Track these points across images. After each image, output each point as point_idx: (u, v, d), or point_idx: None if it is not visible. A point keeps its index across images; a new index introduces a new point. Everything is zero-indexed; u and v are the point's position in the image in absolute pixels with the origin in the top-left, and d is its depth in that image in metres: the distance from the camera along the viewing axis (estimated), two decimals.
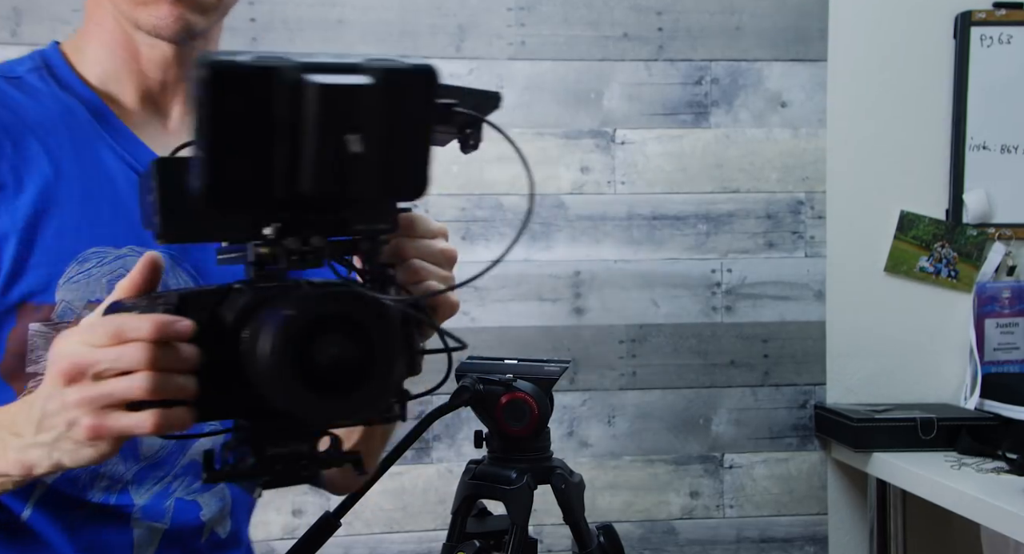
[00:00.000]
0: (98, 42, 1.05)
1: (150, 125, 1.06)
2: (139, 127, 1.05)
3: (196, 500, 1.06)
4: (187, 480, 1.06)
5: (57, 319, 0.96)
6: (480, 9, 2.18)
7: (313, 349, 0.65)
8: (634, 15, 2.22)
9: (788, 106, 2.27)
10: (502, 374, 1.34)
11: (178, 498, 1.05)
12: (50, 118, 1.01)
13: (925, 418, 2.09)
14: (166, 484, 1.04)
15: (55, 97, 1.03)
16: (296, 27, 2.13)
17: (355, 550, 2.15)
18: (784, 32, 2.26)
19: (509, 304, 2.18)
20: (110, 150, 1.03)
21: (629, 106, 2.23)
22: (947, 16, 2.29)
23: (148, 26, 1.01)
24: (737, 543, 2.27)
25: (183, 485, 1.05)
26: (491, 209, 2.17)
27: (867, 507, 2.29)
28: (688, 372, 2.25)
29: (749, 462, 2.27)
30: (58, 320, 0.96)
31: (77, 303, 0.97)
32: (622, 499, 2.24)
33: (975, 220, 2.29)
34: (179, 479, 1.05)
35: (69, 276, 0.97)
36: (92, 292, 0.97)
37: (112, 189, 1.01)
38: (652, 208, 2.24)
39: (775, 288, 2.27)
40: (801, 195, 2.28)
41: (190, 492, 1.06)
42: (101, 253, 0.99)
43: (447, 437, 2.17)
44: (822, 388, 2.28)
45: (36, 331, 0.96)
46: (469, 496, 1.36)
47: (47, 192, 0.98)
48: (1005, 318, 2.29)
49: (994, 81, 2.28)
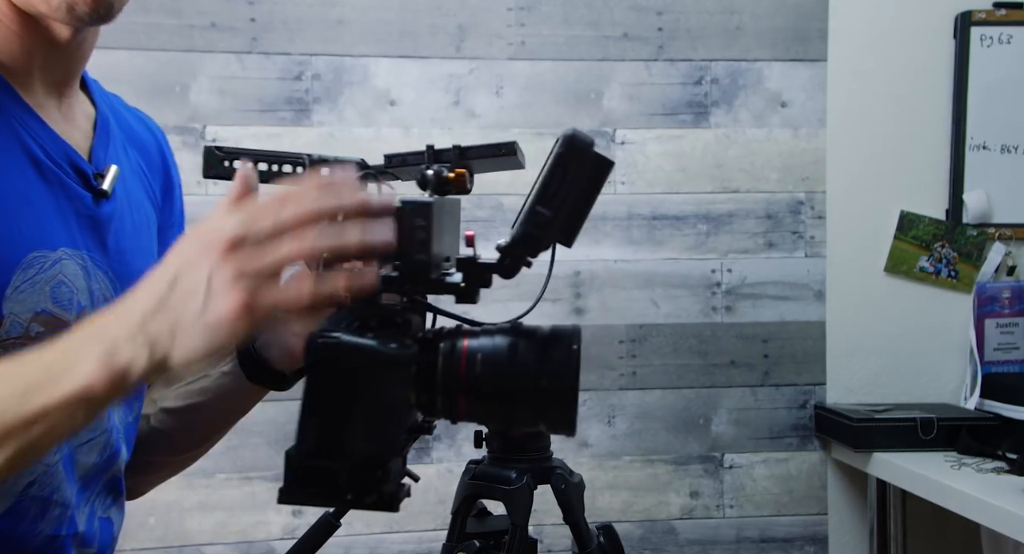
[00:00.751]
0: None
1: (48, 107, 0.91)
2: (39, 109, 0.90)
3: (110, 516, 0.99)
4: (104, 498, 0.98)
5: (5, 336, 0.83)
6: (480, 9, 2.18)
7: None
8: (634, 15, 2.22)
9: (788, 106, 2.27)
10: None
11: (100, 518, 0.97)
12: None
13: (925, 418, 2.09)
14: (91, 504, 0.95)
15: None
16: (296, 27, 2.13)
17: (355, 550, 2.15)
18: (784, 32, 2.26)
19: (509, 304, 2.17)
20: (23, 134, 0.87)
21: (629, 106, 2.23)
22: (947, 16, 2.29)
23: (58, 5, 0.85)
24: (737, 543, 2.27)
25: (102, 504, 0.98)
26: (491, 209, 2.17)
27: (867, 507, 2.29)
28: (688, 372, 2.25)
29: (749, 462, 2.27)
30: (6, 337, 0.83)
31: (24, 315, 0.84)
32: (622, 499, 2.24)
33: (975, 220, 2.29)
34: (99, 497, 0.97)
35: (15, 286, 0.83)
36: (37, 303, 0.85)
37: (34, 181, 0.87)
38: (652, 208, 2.24)
39: (775, 288, 2.27)
40: (801, 195, 2.28)
41: (106, 510, 0.98)
42: (41, 257, 0.86)
43: (447, 437, 2.17)
44: (822, 388, 2.28)
45: None
46: (469, 496, 1.36)
47: None
48: (1005, 318, 2.29)
49: (994, 81, 2.28)
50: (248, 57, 2.11)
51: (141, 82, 2.07)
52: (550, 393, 0.74)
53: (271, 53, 2.12)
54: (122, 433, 0.98)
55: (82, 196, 0.90)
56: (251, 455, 2.10)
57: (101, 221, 0.92)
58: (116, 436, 0.97)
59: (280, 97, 2.13)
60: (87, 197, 0.91)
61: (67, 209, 0.89)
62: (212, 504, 2.09)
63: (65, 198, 0.89)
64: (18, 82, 0.89)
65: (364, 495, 0.73)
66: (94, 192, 0.91)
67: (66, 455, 0.89)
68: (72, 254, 0.88)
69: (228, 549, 2.11)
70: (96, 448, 0.94)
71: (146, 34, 2.07)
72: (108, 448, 0.95)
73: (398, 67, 2.16)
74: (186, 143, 2.08)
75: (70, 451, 0.90)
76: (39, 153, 0.88)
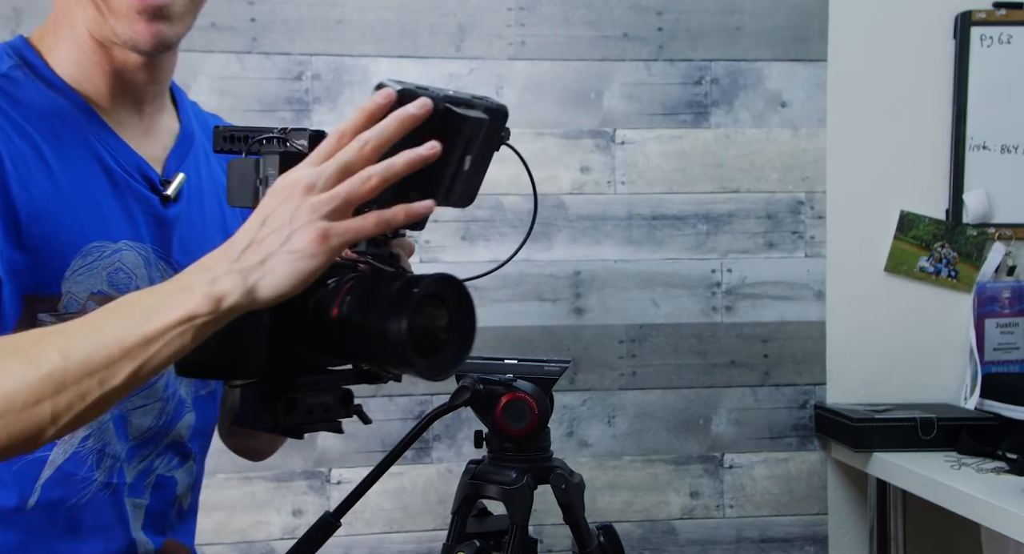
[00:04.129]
0: (70, 42, 1.06)
1: (128, 124, 1.09)
2: (118, 126, 1.08)
3: (174, 476, 1.13)
4: (168, 458, 1.12)
5: (63, 310, 0.99)
6: (480, 9, 2.18)
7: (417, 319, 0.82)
8: (634, 15, 2.22)
9: (788, 106, 2.27)
10: (502, 374, 1.34)
11: (159, 475, 1.11)
12: (44, 115, 1.03)
13: (925, 418, 2.09)
14: (149, 461, 1.10)
15: (43, 94, 1.04)
16: (296, 27, 2.13)
17: (355, 550, 2.15)
18: (784, 32, 2.26)
19: (509, 304, 2.18)
20: (99, 148, 1.05)
21: (629, 106, 2.23)
22: (947, 16, 2.29)
23: (125, 39, 1.02)
24: (737, 543, 2.27)
25: (164, 462, 1.12)
26: (491, 209, 2.17)
27: (867, 507, 2.29)
28: (688, 372, 2.25)
29: (749, 462, 2.27)
30: (63, 311, 0.99)
31: (81, 295, 1.01)
32: (622, 499, 2.24)
33: (975, 220, 2.29)
34: (160, 457, 1.11)
35: (74, 269, 1.00)
36: (94, 284, 1.01)
37: (104, 185, 1.04)
38: (652, 208, 2.24)
39: (775, 288, 2.27)
40: (801, 195, 2.28)
41: (169, 469, 1.13)
42: (101, 247, 1.03)
43: (447, 437, 2.17)
44: (822, 388, 2.28)
45: (44, 321, 0.99)
46: (469, 496, 1.36)
47: (51, 188, 1.00)
48: (1005, 318, 2.29)
49: (994, 81, 2.28)
50: (248, 57, 2.11)
51: None
52: (387, 333, 0.81)
53: (271, 53, 2.12)
54: (189, 403, 1.13)
55: (149, 198, 1.07)
56: None
57: (168, 221, 1.09)
58: (176, 404, 1.11)
59: (280, 97, 2.13)
60: (154, 200, 1.07)
61: (134, 209, 1.06)
62: (212, 504, 2.09)
63: (133, 199, 1.06)
64: (100, 104, 1.06)
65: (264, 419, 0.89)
66: (161, 196, 1.08)
67: (117, 416, 1.05)
68: (134, 246, 1.05)
69: (228, 549, 2.11)
70: (152, 413, 1.08)
71: None
72: (165, 415, 1.10)
73: (398, 67, 2.15)
74: None
75: (122, 413, 1.06)
76: (111, 163, 1.05)
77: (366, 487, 1.22)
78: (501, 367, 1.37)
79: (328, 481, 2.14)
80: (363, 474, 1.24)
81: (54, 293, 0.99)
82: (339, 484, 2.14)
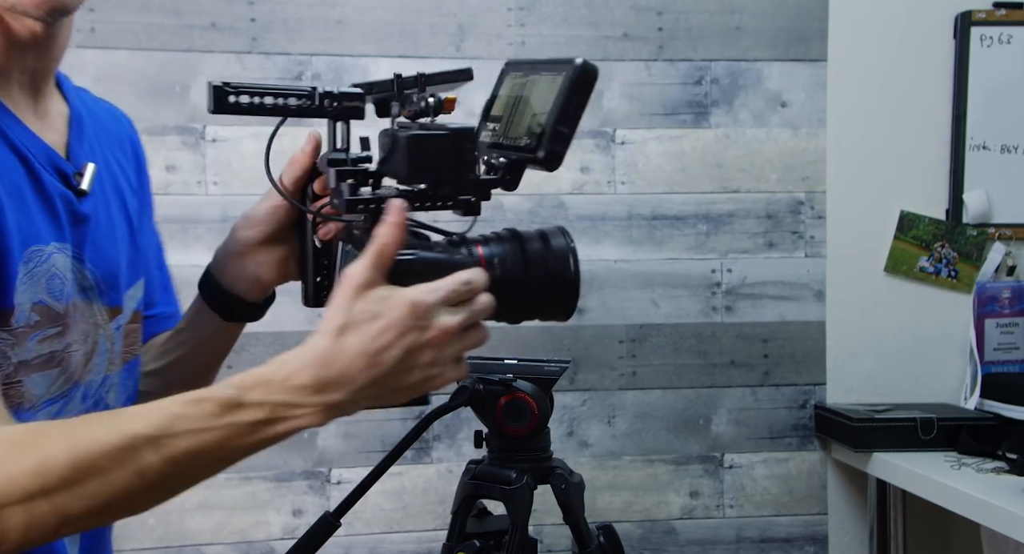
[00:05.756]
0: None
1: (25, 107, 0.96)
2: (16, 109, 0.95)
3: None
4: None
5: (15, 324, 0.89)
6: (480, 9, 2.18)
7: None
8: (634, 15, 2.22)
9: (788, 106, 2.27)
10: (502, 374, 1.34)
11: None
12: None
13: (925, 418, 2.09)
14: None
15: None
16: (296, 27, 2.13)
17: (355, 550, 2.15)
18: (784, 32, 2.26)
19: None
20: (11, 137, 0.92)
21: (629, 106, 2.23)
22: (947, 16, 2.29)
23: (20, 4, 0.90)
24: (737, 543, 2.27)
25: None
26: (491, 209, 2.16)
27: (867, 507, 2.29)
28: (688, 372, 2.25)
29: (749, 462, 2.27)
30: (15, 326, 0.89)
31: (26, 305, 0.90)
32: (622, 499, 2.24)
33: (975, 220, 2.29)
34: None
35: (21, 279, 0.90)
36: (35, 294, 0.91)
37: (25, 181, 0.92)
38: (652, 208, 2.24)
39: (775, 288, 2.27)
40: (801, 195, 2.28)
41: None
42: (38, 252, 0.92)
43: (447, 437, 2.17)
44: (822, 388, 2.28)
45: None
46: (469, 496, 1.36)
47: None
48: (1005, 318, 2.29)
49: (994, 81, 2.28)
50: (248, 57, 2.11)
51: (141, 82, 2.07)
52: (558, 285, 0.95)
53: (271, 53, 2.12)
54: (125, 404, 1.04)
55: (65, 194, 0.96)
56: None
57: (83, 217, 0.98)
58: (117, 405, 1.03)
59: None
60: (69, 195, 0.96)
61: (56, 206, 0.94)
62: (212, 504, 2.09)
63: (54, 196, 0.94)
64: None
65: None
66: (75, 191, 0.97)
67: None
68: (61, 248, 0.94)
69: (228, 549, 2.11)
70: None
71: (146, 34, 2.07)
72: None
73: (398, 67, 2.14)
74: (186, 143, 2.07)
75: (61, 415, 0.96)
76: (27, 154, 0.93)
77: (366, 487, 1.23)
78: (501, 367, 1.37)
79: (328, 481, 2.14)
80: (363, 474, 1.24)
81: (8, 307, 0.89)
82: (339, 484, 2.14)
